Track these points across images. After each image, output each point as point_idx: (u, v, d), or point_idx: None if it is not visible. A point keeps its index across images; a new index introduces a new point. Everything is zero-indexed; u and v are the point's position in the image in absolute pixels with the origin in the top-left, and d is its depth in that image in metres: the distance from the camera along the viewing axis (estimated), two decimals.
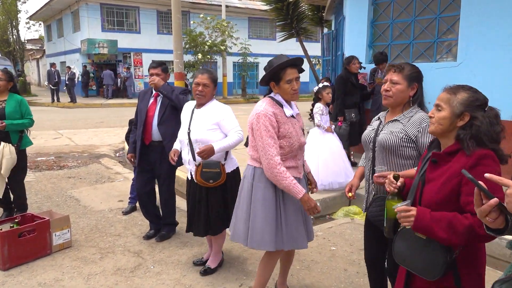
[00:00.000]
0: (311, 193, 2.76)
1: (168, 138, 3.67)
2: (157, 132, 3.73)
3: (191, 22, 23.24)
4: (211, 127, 3.10)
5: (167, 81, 3.84)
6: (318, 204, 2.51)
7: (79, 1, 23.31)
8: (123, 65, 24.19)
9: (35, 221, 3.62)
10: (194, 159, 3.09)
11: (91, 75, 24.47)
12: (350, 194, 2.47)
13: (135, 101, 4.64)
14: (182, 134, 3.20)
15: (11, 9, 26.00)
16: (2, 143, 4.16)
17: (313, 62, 15.66)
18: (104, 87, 23.00)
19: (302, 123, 2.71)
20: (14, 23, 26.97)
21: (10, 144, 4.21)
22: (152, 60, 3.81)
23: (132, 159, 3.95)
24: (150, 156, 3.82)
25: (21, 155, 4.36)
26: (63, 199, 5.33)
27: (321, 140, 5.25)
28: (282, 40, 15.29)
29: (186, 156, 3.17)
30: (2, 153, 4.13)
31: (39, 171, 6.88)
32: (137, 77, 24.50)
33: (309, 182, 2.81)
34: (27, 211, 4.24)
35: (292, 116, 2.59)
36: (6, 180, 4.32)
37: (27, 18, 31.19)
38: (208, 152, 2.98)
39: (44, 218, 3.61)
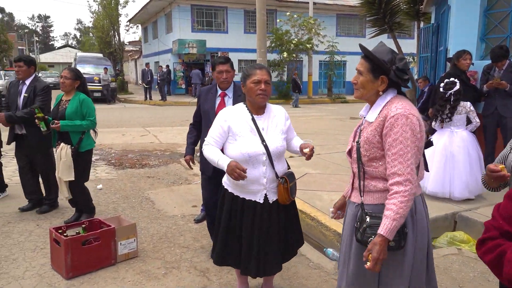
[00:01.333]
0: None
1: None
2: None
3: (278, 20, 22.96)
4: (284, 135, 2.62)
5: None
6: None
7: (172, 3, 24.32)
8: (210, 64, 24.77)
9: (101, 228, 3.44)
10: (277, 176, 2.56)
11: (181, 74, 25.43)
12: None
13: None
14: (252, 147, 2.48)
15: (112, 13, 28.05)
16: (62, 144, 4.04)
17: (408, 60, 14.40)
18: (192, 86, 23.73)
19: None
20: (115, 27, 29.06)
21: (68, 146, 4.04)
22: (219, 55, 3.40)
23: (190, 163, 3.63)
24: None
25: (80, 158, 4.12)
26: (139, 201, 5.23)
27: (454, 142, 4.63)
28: (373, 37, 14.18)
29: (259, 173, 2.51)
30: (60, 156, 4.03)
31: (122, 169, 6.96)
32: None
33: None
34: (96, 215, 4.14)
35: None
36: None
37: (127, 22, 33.55)
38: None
39: (110, 226, 3.41)
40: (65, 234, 3.25)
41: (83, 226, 3.42)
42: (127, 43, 38.62)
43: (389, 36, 13.81)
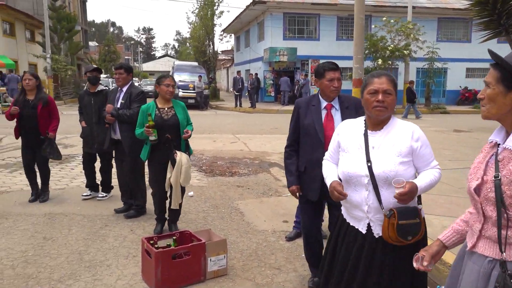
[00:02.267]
0: None
1: None
2: None
3: (373, 26, 21.97)
4: (403, 159, 2.07)
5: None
6: None
7: (265, 12, 24.61)
8: (300, 72, 24.54)
9: (192, 241, 3.29)
10: (381, 205, 2.06)
11: (270, 81, 25.58)
12: None
13: None
14: (353, 166, 2.13)
15: (208, 24, 29.32)
16: (178, 152, 4.00)
17: None
18: (281, 93, 23.70)
19: None
20: (210, 36, 30.35)
21: (182, 152, 4.05)
22: (329, 61, 2.97)
23: (297, 193, 3.11)
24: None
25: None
26: (228, 211, 5.08)
27: None
28: (485, 40, 12.79)
29: (360, 198, 2.12)
30: (181, 162, 3.96)
31: (213, 176, 6.94)
32: (313, 84, 24.51)
33: None
34: (187, 223, 4.04)
35: None
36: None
37: (221, 31, 34.83)
38: (412, 194, 1.97)
39: (201, 240, 3.24)
40: (156, 246, 3.15)
41: (174, 238, 3.30)
42: (220, 52, 40.14)
43: (500, 41, 12.29)
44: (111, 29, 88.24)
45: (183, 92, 20.44)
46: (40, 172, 5.38)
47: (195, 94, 20.64)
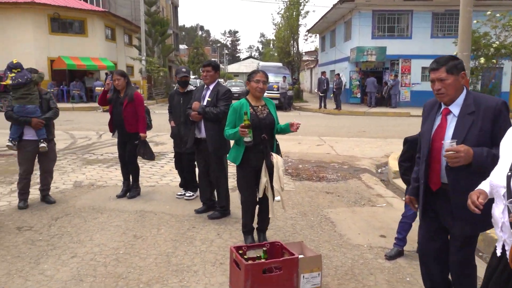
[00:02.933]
0: None
1: (464, 184, 2.27)
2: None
3: (474, 21, 19.98)
4: None
5: None
6: None
7: (353, 10, 23.71)
8: (389, 72, 23.22)
9: (283, 254, 3.01)
10: None
11: (357, 82, 24.59)
12: None
13: (400, 110, 3.35)
14: (496, 176, 1.82)
15: (293, 24, 29.08)
16: (274, 154, 3.70)
17: None
18: (367, 94, 22.64)
19: None
20: (295, 37, 30.09)
21: (276, 154, 3.76)
22: (435, 60, 2.43)
23: (412, 203, 2.70)
24: (437, 205, 2.53)
25: None
26: (318, 220, 4.73)
27: None
28: None
29: (498, 214, 1.79)
30: (278, 165, 3.64)
31: (299, 180, 6.63)
32: (403, 85, 23.07)
33: None
34: (274, 231, 3.77)
35: None
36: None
37: (306, 32, 34.42)
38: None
39: (293, 254, 2.94)
40: (245, 256, 2.92)
41: (264, 249, 3.05)
42: (304, 53, 39.68)
43: None
44: (200, 33, 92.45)
45: (267, 93, 20.43)
46: (129, 169, 5.51)
47: (279, 94, 20.51)
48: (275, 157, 3.67)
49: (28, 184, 5.10)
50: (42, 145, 4.89)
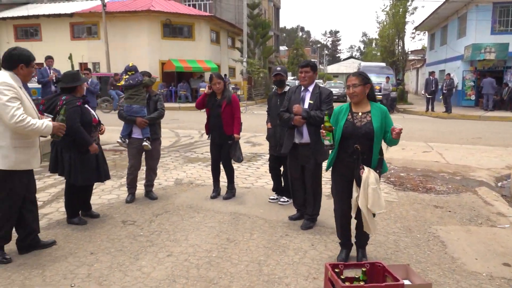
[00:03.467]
0: None
1: None
2: None
3: None
4: None
5: None
6: None
7: (469, 4, 21.51)
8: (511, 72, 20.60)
9: (385, 278, 2.67)
10: None
11: (471, 83, 22.27)
12: None
13: None
14: None
15: (400, 22, 27.40)
16: (366, 168, 3.26)
17: None
18: (483, 97, 20.32)
19: None
20: (400, 35, 28.35)
21: (371, 169, 3.28)
22: None
23: None
24: None
25: None
26: (425, 238, 4.22)
27: None
28: None
29: None
30: (367, 181, 3.19)
31: (403, 190, 6.07)
32: None
33: None
34: (375, 247, 3.39)
35: None
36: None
37: (413, 29, 32.23)
38: None
39: (398, 280, 2.59)
40: (342, 276, 2.65)
41: (364, 269, 2.74)
42: (409, 52, 37.21)
43: None
44: (300, 34, 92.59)
45: None
46: (225, 170, 5.53)
47: (381, 96, 19.46)
48: (367, 172, 3.23)
49: (135, 180, 5.42)
50: (145, 143, 5.16)
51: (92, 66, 25.47)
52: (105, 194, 5.64)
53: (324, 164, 3.96)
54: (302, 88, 4.43)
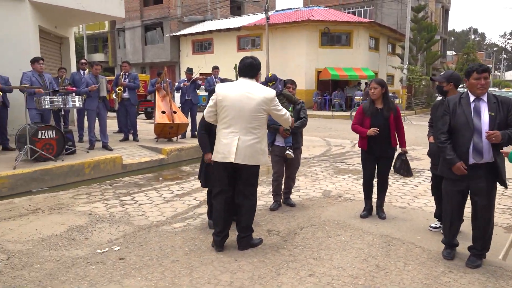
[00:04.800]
0: None
1: None
2: None
3: None
4: None
5: None
6: None
7: None
8: None
9: None
10: None
11: None
12: None
13: None
14: None
15: None
16: None
17: None
18: None
19: None
20: None
21: None
22: None
23: None
24: None
25: None
26: None
27: None
28: None
29: None
30: None
31: None
32: None
33: None
34: None
35: None
36: None
37: None
38: None
39: None
40: None
41: None
42: None
43: None
44: (472, 36, 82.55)
45: None
46: (381, 186, 5.02)
47: None
48: None
49: (280, 187, 5.38)
50: (287, 152, 5.12)
51: None
52: None
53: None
54: (472, 98, 3.67)
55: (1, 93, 7.90)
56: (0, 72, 8.15)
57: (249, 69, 3.87)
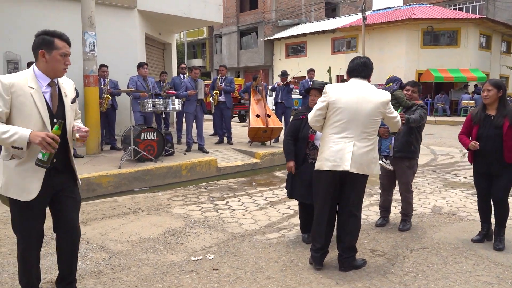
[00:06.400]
0: None
1: None
2: None
3: None
4: None
5: None
6: None
7: None
8: None
9: None
10: None
11: None
12: None
13: None
14: None
15: None
16: None
17: None
18: None
19: None
20: None
21: None
22: None
23: None
24: None
25: None
26: None
27: None
28: None
29: None
30: None
31: None
32: None
33: None
34: None
35: None
36: None
37: None
38: None
39: None
40: None
41: None
42: None
43: None
44: None
45: None
46: (499, 208, 4.17)
47: None
48: None
49: (386, 202, 4.84)
50: (380, 162, 4.37)
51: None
52: None
53: None
54: None
55: (111, 97, 8.48)
56: (110, 76, 8.76)
57: (362, 68, 3.48)
